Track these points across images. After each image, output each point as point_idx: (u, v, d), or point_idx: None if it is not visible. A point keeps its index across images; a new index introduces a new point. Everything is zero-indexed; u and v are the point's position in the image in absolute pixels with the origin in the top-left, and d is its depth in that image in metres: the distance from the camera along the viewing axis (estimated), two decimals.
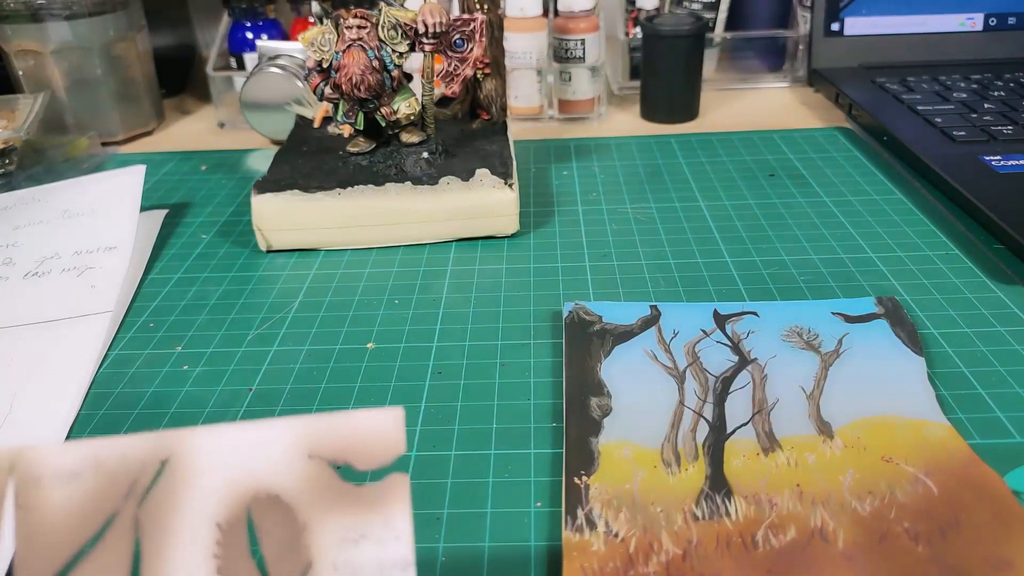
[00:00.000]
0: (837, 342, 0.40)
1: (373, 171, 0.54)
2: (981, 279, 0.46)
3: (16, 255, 0.52)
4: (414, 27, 0.52)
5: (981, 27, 0.77)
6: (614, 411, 0.36)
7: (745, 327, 0.42)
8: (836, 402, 0.36)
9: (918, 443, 0.34)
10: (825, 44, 0.78)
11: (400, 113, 0.54)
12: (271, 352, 0.43)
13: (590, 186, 0.61)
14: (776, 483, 0.32)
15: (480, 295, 0.47)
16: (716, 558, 0.29)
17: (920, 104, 0.67)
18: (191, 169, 0.68)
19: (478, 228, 0.53)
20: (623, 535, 0.30)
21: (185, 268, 0.52)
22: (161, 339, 0.45)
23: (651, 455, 0.34)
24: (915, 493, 0.31)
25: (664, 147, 0.68)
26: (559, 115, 0.75)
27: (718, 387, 0.38)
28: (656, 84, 0.73)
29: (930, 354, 0.40)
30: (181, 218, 0.59)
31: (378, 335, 0.44)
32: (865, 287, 0.46)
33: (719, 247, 0.51)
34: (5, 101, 0.68)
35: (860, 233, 0.52)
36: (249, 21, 0.80)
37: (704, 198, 0.58)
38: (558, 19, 0.72)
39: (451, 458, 0.35)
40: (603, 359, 0.40)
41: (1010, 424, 0.35)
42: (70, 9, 0.68)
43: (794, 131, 0.70)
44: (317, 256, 0.53)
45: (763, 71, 0.85)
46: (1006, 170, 0.54)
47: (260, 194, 0.52)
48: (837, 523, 0.30)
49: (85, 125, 0.72)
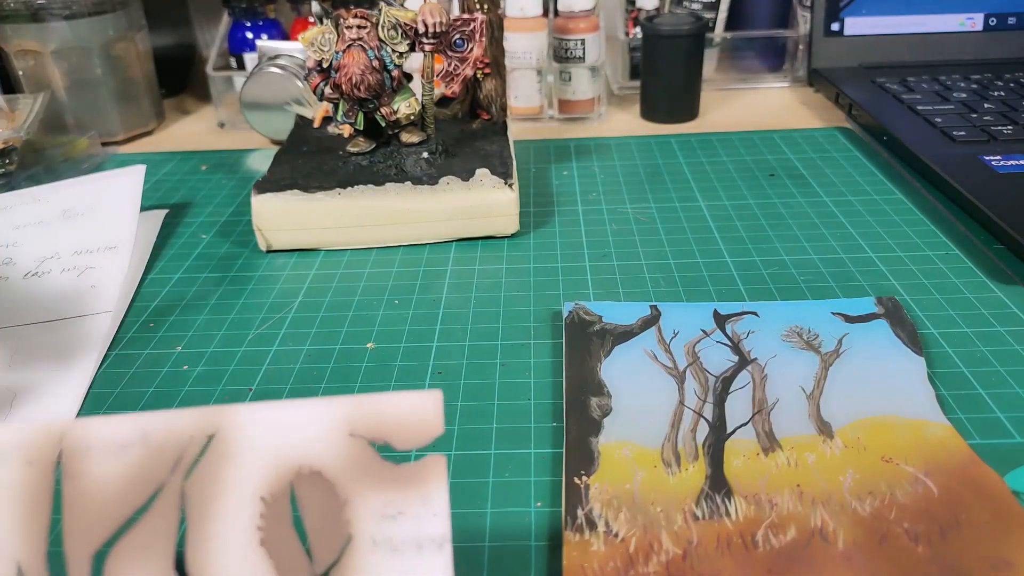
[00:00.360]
0: (837, 342, 0.40)
1: (373, 171, 0.54)
2: (981, 279, 0.46)
3: (16, 255, 0.52)
4: (414, 27, 0.52)
5: (981, 27, 0.77)
6: (614, 411, 0.36)
7: (745, 327, 0.42)
8: (836, 402, 0.36)
9: (918, 443, 0.34)
10: (825, 44, 0.78)
11: (400, 113, 0.54)
12: (271, 352, 0.43)
13: (590, 186, 0.61)
14: (776, 483, 0.32)
15: (480, 295, 0.47)
16: (716, 558, 0.29)
17: (920, 104, 0.67)
18: (191, 169, 0.68)
19: (478, 228, 0.53)
20: (623, 535, 0.30)
21: (185, 268, 0.52)
22: (161, 339, 0.45)
23: (651, 455, 0.34)
24: (915, 493, 0.31)
25: (664, 147, 0.68)
26: (559, 115, 0.75)
27: (718, 387, 0.38)
28: (656, 84, 0.73)
29: (930, 354, 0.40)
30: (181, 218, 0.59)
31: (378, 335, 0.44)
32: (865, 287, 0.46)
33: (719, 247, 0.51)
34: (5, 101, 0.68)
35: (860, 233, 0.52)
36: (249, 21, 0.80)
37: (704, 198, 0.58)
38: (558, 19, 0.72)
39: (451, 458, 0.35)
40: (603, 359, 0.40)
41: (1010, 424, 0.35)
42: (70, 9, 0.68)
43: (794, 131, 0.70)
44: (317, 256, 0.53)
45: (763, 71, 0.85)
46: (1006, 170, 0.54)
47: (260, 194, 0.52)
48: (837, 523, 0.30)
49: (85, 125, 0.72)
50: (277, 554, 0.22)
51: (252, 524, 0.22)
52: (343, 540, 0.22)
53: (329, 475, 0.22)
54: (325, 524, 0.22)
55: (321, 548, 0.22)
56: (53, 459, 0.22)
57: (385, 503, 0.22)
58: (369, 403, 0.23)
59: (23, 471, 0.22)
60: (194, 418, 0.22)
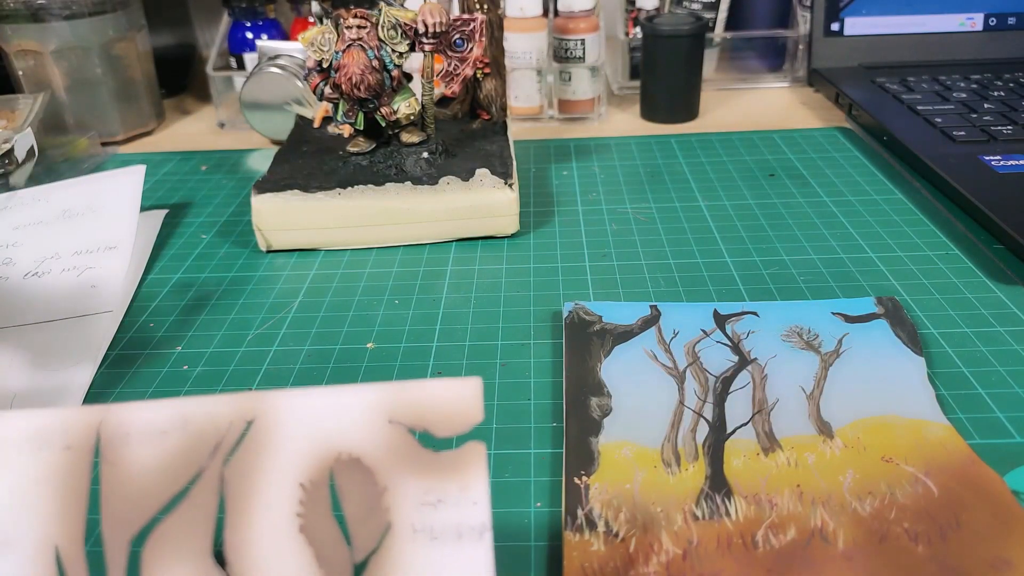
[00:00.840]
0: (837, 342, 0.40)
1: (373, 171, 0.54)
2: (981, 279, 0.46)
3: (16, 255, 0.52)
4: (414, 27, 0.52)
5: (981, 27, 0.77)
6: (614, 411, 0.36)
7: (745, 327, 0.42)
8: (836, 402, 0.36)
9: (918, 443, 0.34)
10: (825, 44, 0.78)
11: (400, 113, 0.54)
12: (271, 352, 0.43)
13: (590, 186, 0.61)
14: (776, 483, 0.32)
15: (480, 295, 0.47)
16: (716, 558, 0.29)
17: (920, 104, 0.67)
18: (191, 169, 0.68)
19: (478, 228, 0.53)
20: (623, 535, 0.30)
21: (185, 268, 0.52)
22: (161, 339, 0.45)
23: (651, 455, 0.34)
24: (915, 493, 0.31)
25: (664, 147, 0.68)
26: (559, 115, 0.75)
27: (718, 387, 0.38)
28: (656, 84, 0.73)
29: (930, 354, 0.40)
30: (181, 218, 0.59)
31: (378, 335, 0.44)
32: (865, 287, 0.46)
33: (719, 247, 0.51)
34: (5, 101, 0.68)
35: (860, 233, 0.52)
36: (249, 21, 0.80)
37: (704, 198, 0.58)
38: (558, 19, 0.72)
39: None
40: (603, 359, 0.40)
41: (1010, 424, 0.35)
42: (70, 9, 0.68)
43: (794, 131, 0.70)
44: (317, 256, 0.53)
45: (763, 71, 0.85)
46: (1006, 170, 0.54)
47: (260, 194, 0.52)
48: (837, 523, 0.30)
49: (85, 125, 0.72)
50: (316, 541, 0.22)
51: (292, 510, 0.22)
52: (383, 527, 0.22)
53: (368, 462, 0.22)
54: (365, 511, 0.22)
55: (361, 535, 0.22)
56: (92, 444, 0.22)
57: (424, 490, 0.22)
58: (408, 390, 0.23)
59: (62, 456, 0.22)
60: (234, 403, 0.22)
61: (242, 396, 0.22)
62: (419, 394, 0.23)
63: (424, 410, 0.22)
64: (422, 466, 0.22)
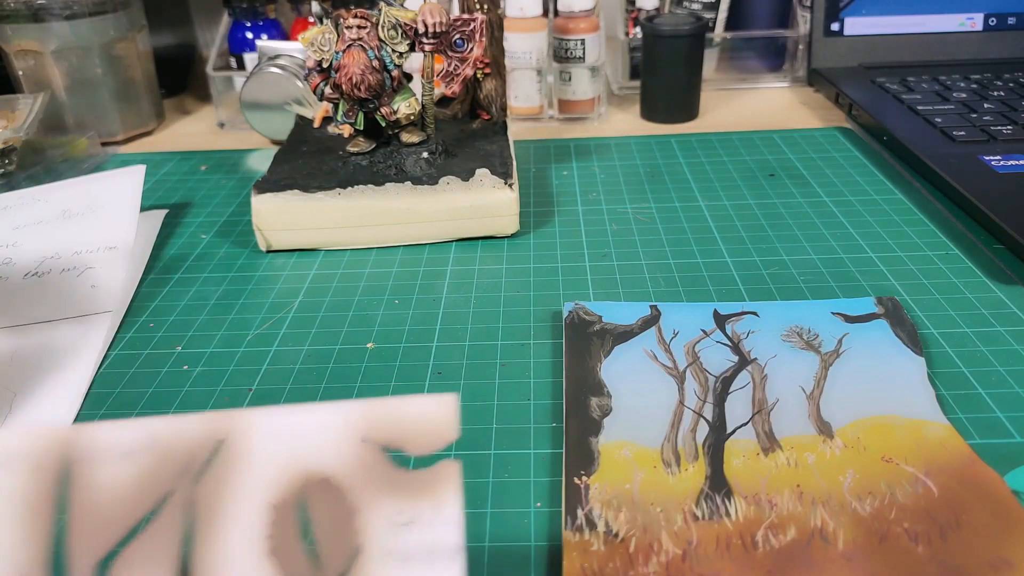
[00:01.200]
0: (837, 342, 0.40)
1: (373, 171, 0.54)
2: (981, 279, 0.46)
3: (16, 255, 0.52)
4: (414, 27, 0.52)
5: (981, 27, 0.77)
6: (614, 411, 0.36)
7: (745, 327, 0.42)
8: (836, 402, 0.36)
9: (918, 443, 0.34)
10: (825, 44, 0.78)
11: (400, 113, 0.54)
12: (271, 352, 0.43)
13: (590, 186, 0.61)
14: (776, 483, 0.32)
15: (480, 295, 0.47)
16: (716, 558, 0.29)
17: (920, 104, 0.67)
18: (191, 169, 0.68)
19: (478, 228, 0.53)
20: (623, 535, 0.30)
21: (185, 268, 0.52)
22: (161, 339, 0.45)
23: (651, 455, 0.34)
24: (915, 493, 0.31)
25: (664, 147, 0.68)
26: (559, 115, 0.75)
27: (718, 387, 0.38)
28: (656, 84, 0.73)
29: (930, 354, 0.40)
30: (181, 218, 0.59)
31: (378, 335, 0.44)
32: (865, 287, 0.46)
33: (719, 247, 0.51)
34: (5, 101, 0.68)
35: (860, 233, 0.52)
36: (249, 21, 0.80)
37: (704, 198, 0.58)
38: (558, 19, 0.72)
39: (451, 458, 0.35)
40: (603, 359, 0.40)
41: (1010, 424, 0.35)
42: (70, 9, 0.68)
43: (794, 131, 0.70)
44: (317, 256, 0.53)
45: (763, 71, 0.85)
46: (1006, 170, 0.54)
47: (260, 194, 0.52)
48: (837, 523, 0.30)
49: (85, 125, 0.72)
50: (286, 564, 0.21)
51: (261, 533, 0.22)
52: (353, 550, 0.22)
53: (340, 482, 0.22)
54: (335, 533, 0.22)
55: (331, 558, 0.22)
56: (57, 465, 0.22)
57: (396, 511, 0.22)
58: (382, 407, 0.22)
59: (26, 477, 0.21)
60: (203, 423, 0.22)
61: (212, 415, 0.22)
62: (393, 411, 0.22)
63: (398, 428, 0.22)
64: (395, 485, 0.22)
